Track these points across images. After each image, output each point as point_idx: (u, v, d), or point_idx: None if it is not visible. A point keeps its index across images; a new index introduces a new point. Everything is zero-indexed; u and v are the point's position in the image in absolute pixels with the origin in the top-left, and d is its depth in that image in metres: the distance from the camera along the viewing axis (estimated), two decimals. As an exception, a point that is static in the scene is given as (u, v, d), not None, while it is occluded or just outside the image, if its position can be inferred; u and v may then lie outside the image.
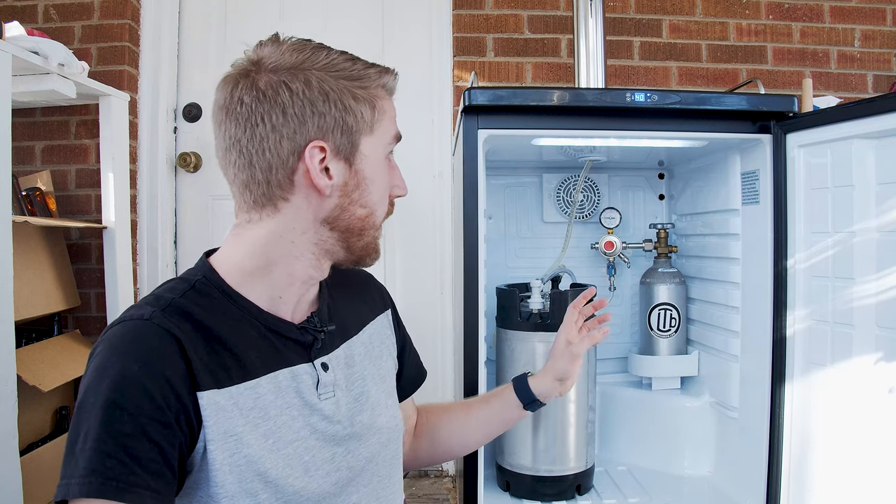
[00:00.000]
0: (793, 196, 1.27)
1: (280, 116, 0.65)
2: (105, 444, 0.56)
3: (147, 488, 0.57)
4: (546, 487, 1.41)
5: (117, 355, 0.59)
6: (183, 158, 2.05)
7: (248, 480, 0.63)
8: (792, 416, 1.26)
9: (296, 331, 0.72)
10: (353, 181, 0.69)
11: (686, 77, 2.04)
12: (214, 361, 0.64)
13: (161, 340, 0.61)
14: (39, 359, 1.60)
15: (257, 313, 0.69)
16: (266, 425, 0.66)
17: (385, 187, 0.72)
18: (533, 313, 1.42)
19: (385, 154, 0.72)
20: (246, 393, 0.65)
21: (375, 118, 0.69)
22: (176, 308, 0.64)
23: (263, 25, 2.07)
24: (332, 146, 0.67)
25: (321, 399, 0.71)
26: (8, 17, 1.55)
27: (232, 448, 0.63)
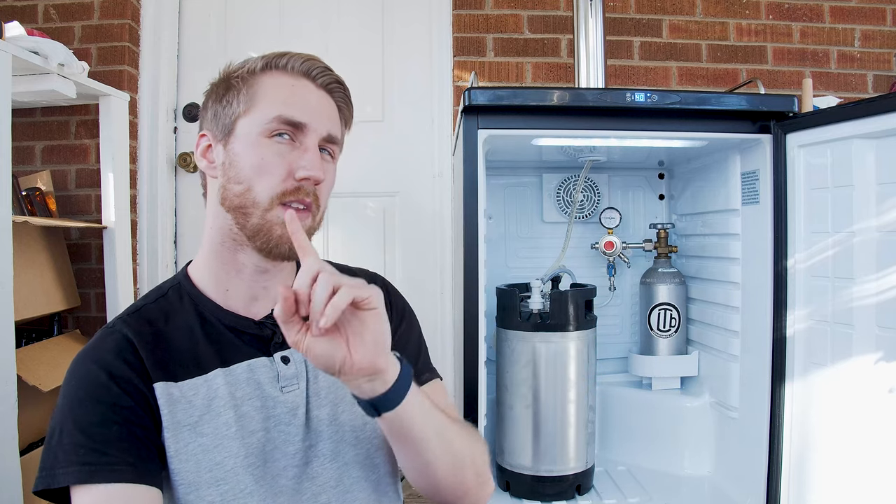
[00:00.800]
0: (793, 196, 1.27)
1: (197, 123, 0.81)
2: (75, 436, 0.63)
3: (123, 463, 0.62)
4: (546, 487, 1.41)
5: (81, 361, 0.69)
6: (183, 158, 2.05)
7: (205, 469, 0.67)
8: (792, 416, 1.26)
9: (253, 326, 0.75)
10: (228, 160, 0.74)
11: (686, 77, 2.04)
12: (170, 359, 0.70)
13: (118, 344, 0.69)
14: (39, 359, 1.60)
15: (217, 312, 0.75)
16: (227, 415, 0.69)
17: (261, 163, 0.71)
18: (533, 313, 1.42)
19: (261, 131, 0.72)
20: (203, 385, 0.70)
21: (251, 100, 0.74)
22: (139, 315, 0.73)
23: (263, 25, 2.08)
24: (212, 134, 0.76)
25: (283, 392, 0.74)
26: (8, 17, 1.55)
27: (186, 438, 0.67)
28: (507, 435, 1.45)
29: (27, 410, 1.55)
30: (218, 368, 0.71)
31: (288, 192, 0.71)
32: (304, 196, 0.72)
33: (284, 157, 0.72)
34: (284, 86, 0.74)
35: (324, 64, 0.78)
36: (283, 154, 0.72)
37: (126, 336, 0.69)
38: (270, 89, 0.74)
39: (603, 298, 1.71)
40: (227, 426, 0.69)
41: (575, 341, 1.41)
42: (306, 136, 0.74)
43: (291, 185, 0.72)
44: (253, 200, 0.71)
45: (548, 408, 1.41)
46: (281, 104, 0.73)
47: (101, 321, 1.86)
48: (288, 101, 0.73)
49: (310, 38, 2.07)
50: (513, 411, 1.44)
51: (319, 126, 0.75)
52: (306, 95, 0.75)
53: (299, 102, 0.74)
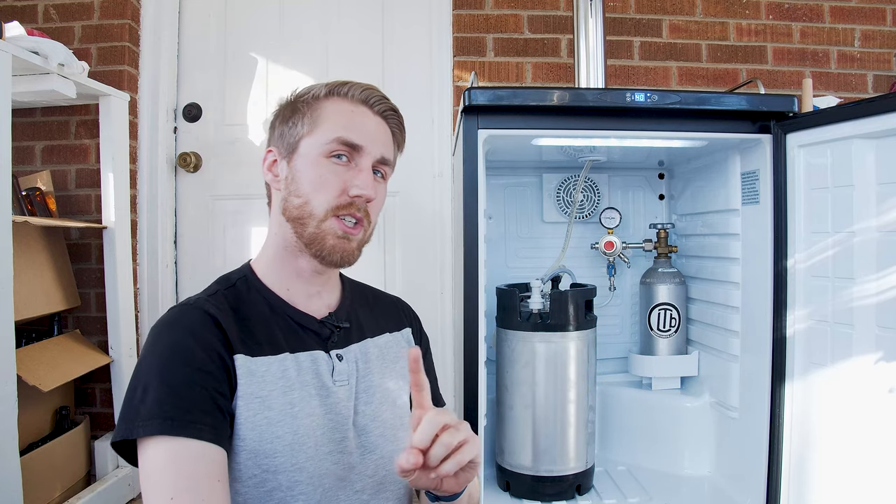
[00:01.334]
0: (793, 196, 1.27)
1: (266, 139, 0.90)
2: (161, 393, 0.68)
3: (203, 423, 0.68)
4: (546, 487, 1.41)
5: (168, 328, 0.75)
6: (183, 158, 2.05)
7: (267, 440, 0.74)
8: (792, 415, 1.26)
9: (316, 323, 0.84)
10: (290, 175, 0.83)
11: (686, 77, 2.04)
12: (247, 336, 0.77)
13: (203, 318, 0.75)
14: (39, 359, 1.60)
15: (284, 306, 0.83)
16: (291, 395, 0.77)
17: (318, 180, 0.80)
18: (533, 313, 1.42)
19: (321, 152, 0.81)
20: (275, 364, 0.77)
21: (313, 120, 0.82)
22: (217, 297, 0.80)
23: (263, 26, 2.08)
24: (277, 150, 0.85)
25: (336, 385, 0.82)
26: (8, 17, 1.55)
27: (255, 408, 0.74)
28: (507, 435, 1.45)
29: (27, 410, 1.55)
30: (287, 353, 0.79)
31: (341, 206, 0.80)
32: (355, 211, 0.81)
33: (340, 176, 0.80)
34: (345, 111, 0.83)
35: (381, 93, 0.86)
36: (339, 173, 0.81)
37: (208, 312, 0.76)
38: (332, 114, 0.82)
39: (603, 298, 1.71)
40: (290, 405, 0.76)
41: (575, 341, 1.41)
42: (361, 158, 0.82)
43: (345, 200, 0.80)
44: (310, 212, 0.80)
45: (548, 408, 1.41)
46: (341, 128, 0.81)
47: (101, 321, 1.86)
48: (347, 126, 0.82)
49: (310, 39, 2.07)
50: (513, 411, 1.44)
51: (374, 149, 0.83)
52: (364, 121, 0.83)
53: (357, 127, 0.82)
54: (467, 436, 0.66)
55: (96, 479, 1.80)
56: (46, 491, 1.59)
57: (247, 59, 2.07)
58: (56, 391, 1.67)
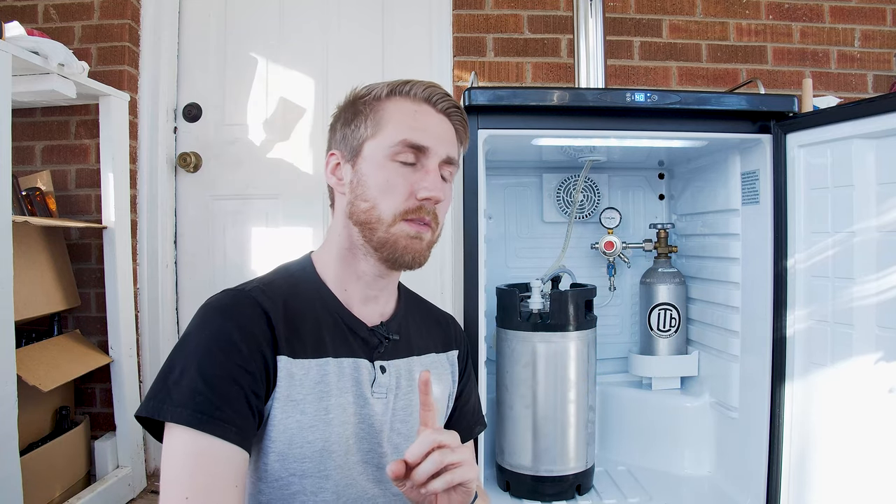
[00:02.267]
0: (793, 196, 1.27)
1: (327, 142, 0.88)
2: (197, 383, 0.67)
3: (232, 423, 0.67)
4: (546, 487, 1.41)
5: (218, 313, 0.73)
6: (183, 158, 2.05)
7: (297, 445, 0.73)
8: (792, 415, 1.26)
9: (366, 330, 0.83)
10: (356, 179, 0.81)
11: (686, 77, 2.04)
12: (294, 336, 0.76)
13: (254, 310, 0.74)
14: (39, 359, 1.60)
15: (338, 308, 0.82)
16: (329, 400, 0.76)
17: (385, 184, 0.78)
18: (533, 313, 1.42)
19: (386, 154, 0.79)
20: (315, 368, 0.76)
21: (376, 122, 0.80)
22: (272, 289, 0.78)
23: (263, 26, 2.07)
24: (340, 154, 0.83)
25: (374, 396, 0.80)
26: (8, 17, 1.55)
27: (290, 411, 0.73)
28: (507, 435, 1.45)
29: (27, 410, 1.55)
30: (330, 357, 0.78)
31: (410, 210, 0.79)
32: (424, 214, 0.79)
33: (407, 179, 0.79)
34: (408, 111, 0.81)
35: (443, 90, 0.84)
36: (406, 175, 0.79)
37: (261, 304, 0.74)
38: (395, 114, 0.80)
39: (603, 298, 1.71)
40: (325, 411, 0.76)
41: (575, 341, 1.41)
42: (428, 159, 0.80)
43: (413, 204, 0.79)
44: (378, 217, 0.78)
45: (548, 408, 1.41)
46: (406, 129, 0.79)
47: (101, 321, 1.86)
48: (412, 126, 0.80)
49: (310, 39, 2.07)
50: (513, 411, 1.44)
51: (440, 149, 0.81)
52: (428, 120, 0.81)
53: (422, 127, 0.80)
54: (462, 459, 0.65)
55: (96, 479, 1.80)
56: (46, 491, 1.59)
57: (247, 59, 2.07)
58: (56, 391, 1.67)
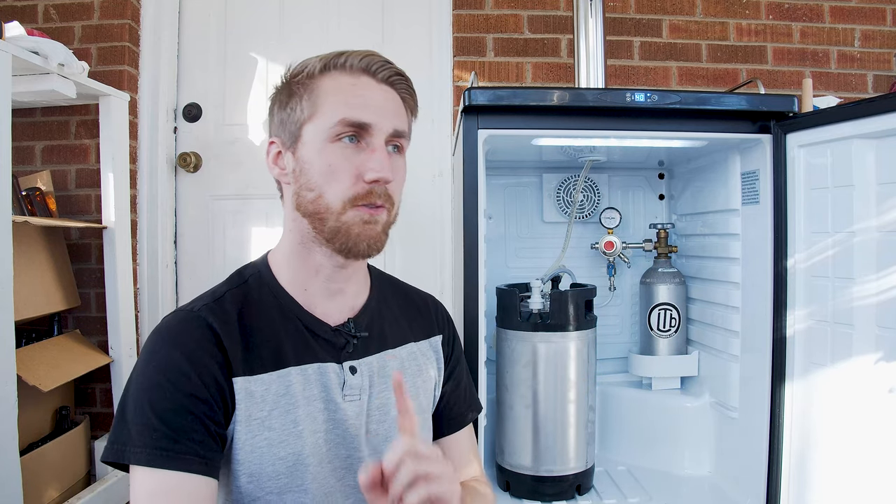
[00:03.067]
0: (793, 196, 1.27)
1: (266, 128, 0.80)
2: (151, 419, 0.65)
3: (193, 454, 0.65)
4: (546, 487, 1.41)
5: (165, 342, 0.69)
6: (183, 158, 2.05)
7: (268, 462, 0.70)
8: (792, 415, 1.26)
9: (329, 332, 0.77)
10: (298, 167, 0.74)
11: (686, 77, 2.04)
12: (250, 352, 0.72)
13: (203, 333, 0.70)
14: (39, 359, 1.60)
15: (297, 311, 0.76)
16: (296, 412, 0.72)
17: (328, 168, 0.72)
18: (533, 313, 1.42)
19: (325, 137, 0.72)
20: (277, 381, 0.72)
21: (314, 104, 0.73)
22: (223, 304, 0.74)
23: (263, 26, 2.07)
24: (280, 141, 0.77)
25: (345, 400, 0.75)
26: (8, 17, 1.55)
27: (255, 430, 0.70)
28: (507, 435, 1.45)
29: (27, 410, 1.55)
30: (292, 366, 0.73)
31: (359, 196, 0.72)
32: (375, 199, 0.73)
33: (352, 161, 0.72)
34: (345, 86, 0.73)
35: (383, 58, 0.76)
36: (349, 157, 0.72)
37: (210, 325, 0.70)
38: (331, 92, 0.73)
39: (603, 298, 1.71)
40: (294, 424, 0.72)
41: (575, 341, 1.41)
42: (373, 137, 0.73)
43: (362, 188, 0.72)
44: (326, 206, 0.72)
45: (548, 408, 1.41)
46: (343, 106, 0.72)
47: (101, 321, 1.86)
48: (350, 102, 0.72)
49: (310, 39, 2.07)
50: (513, 411, 1.44)
51: (385, 123, 0.74)
52: (368, 93, 0.74)
53: (361, 102, 0.73)
54: (440, 471, 0.60)
55: (96, 479, 1.80)
56: (46, 491, 1.59)
57: (247, 58, 2.07)
58: (56, 391, 1.67)
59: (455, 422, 0.92)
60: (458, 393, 0.93)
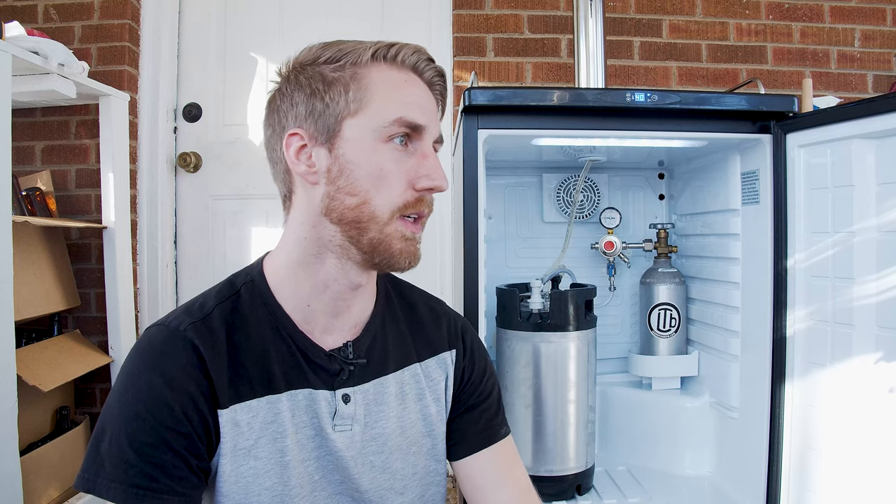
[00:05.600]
0: (793, 196, 1.27)
1: (274, 116, 0.69)
2: (127, 453, 0.59)
3: (171, 493, 0.60)
4: (546, 487, 1.41)
5: (146, 366, 0.63)
6: (183, 158, 2.05)
7: (254, 493, 0.65)
8: (792, 415, 1.26)
9: (324, 357, 0.71)
10: (336, 167, 0.65)
11: (686, 77, 2.04)
12: (239, 375, 0.66)
13: (188, 357, 0.63)
14: (39, 359, 1.60)
15: (291, 331, 0.70)
16: (284, 441, 0.67)
17: (379, 172, 0.64)
18: (533, 313, 1.42)
19: (378, 136, 0.65)
20: (265, 409, 0.67)
21: (358, 97, 0.65)
22: (210, 322, 0.67)
23: (263, 25, 2.08)
24: (307, 133, 0.66)
25: (335, 430, 0.70)
26: (8, 17, 1.55)
27: (241, 460, 0.65)
28: (507, 435, 1.45)
29: (27, 410, 1.55)
30: (282, 392, 0.67)
31: (409, 204, 0.66)
32: (423, 208, 0.68)
33: (402, 165, 0.66)
34: (398, 82, 0.66)
35: (428, 55, 0.69)
36: (401, 161, 0.66)
37: (196, 348, 0.64)
38: (383, 86, 0.65)
39: (603, 298, 1.71)
40: (280, 453, 0.67)
41: (575, 341, 1.41)
42: (422, 140, 0.67)
43: (412, 196, 0.66)
44: (371, 214, 0.65)
45: (548, 408, 1.41)
46: (399, 104, 0.65)
47: (101, 321, 1.86)
48: (406, 101, 0.66)
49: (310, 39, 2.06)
50: (513, 411, 1.44)
51: (434, 127, 0.68)
52: (419, 93, 0.67)
53: (416, 102, 0.66)
54: None
55: (96, 479, 1.80)
56: (46, 491, 1.59)
57: (247, 58, 2.07)
58: (56, 391, 1.67)
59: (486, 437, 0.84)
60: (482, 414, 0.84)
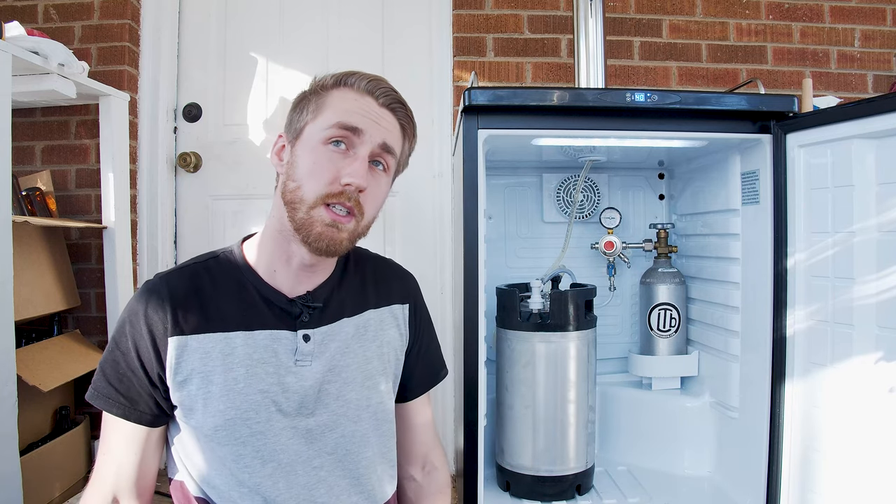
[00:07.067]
0: (793, 196, 1.27)
1: None
2: (99, 369, 0.81)
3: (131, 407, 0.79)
4: (546, 487, 1.41)
5: (127, 306, 0.82)
6: (183, 158, 2.05)
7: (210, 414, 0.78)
8: (792, 415, 1.26)
9: (286, 302, 0.84)
10: (291, 159, 0.83)
11: (686, 77, 2.04)
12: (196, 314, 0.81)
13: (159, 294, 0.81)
14: (39, 359, 1.60)
15: (257, 283, 0.85)
16: (238, 371, 0.80)
17: (313, 166, 0.80)
18: (533, 313, 1.42)
19: (321, 138, 0.81)
20: (222, 341, 0.80)
21: (318, 110, 0.83)
22: (181, 271, 0.84)
23: (263, 25, 2.07)
24: (287, 137, 0.87)
25: (296, 364, 0.83)
26: (8, 17, 1.55)
27: (198, 383, 0.79)
28: (507, 435, 1.45)
29: (27, 410, 1.55)
30: (241, 330, 0.81)
31: (331, 194, 0.79)
32: (345, 200, 0.80)
33: (335, 164, 0.80)
34: (348, 99, 0.83)
35: (388, 85, 0.85)
36: (334, 160, 0.80)
37: (160, 293, 0.80)
38: (336, 101, 0.83)
39: (603, 298, 1.71)
40: (235, 381, 0.79)
41: (575, 341, 1.41)
42: (361, 145, 0.81)
43: (335, 188, 0.79)
44: (301, 197, 0.80)
45: (548, 408, 1.42)
46: (342, 112, 0.81)
47: (101, 321, 1.86)
48: (349, 110, 0.82)
49: (310, 39, 2.07)
50: (513, 411, 1.44)
51: (375, 134, 0.82)
52: (367, 108, 0.83)
53: (358, 112, 0.82)
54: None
55: (96, 479, 1.80)
56: (46, 491, 1.59)
57: (247, 58, 2.07)
58: (56, 391, 1.67)
59: (427, 381, 1.00)
60: (428, 356, 1.00)
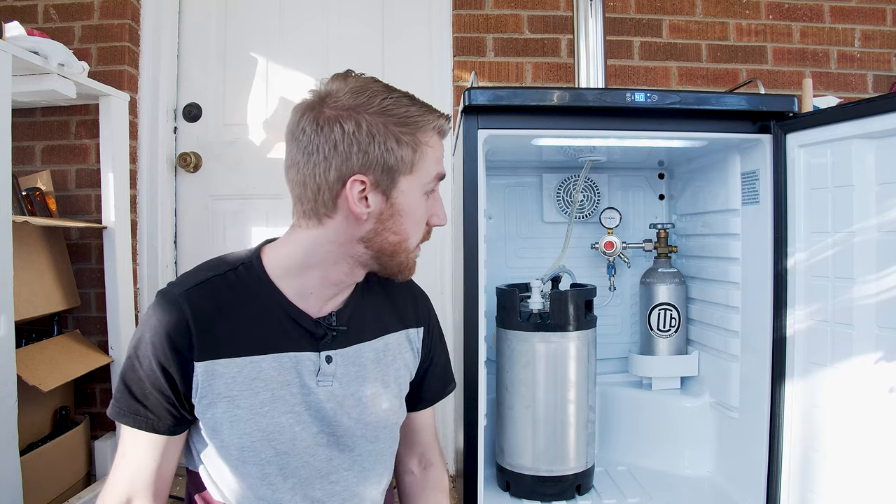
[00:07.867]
0: (793, 196, 1.27)
1: (332, 149, 0.77)
2: (121, 385, 0.79)
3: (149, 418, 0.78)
4: (546, 487, 1.41)
5: (145, 322, 0.79)
6: (183, 158, 2.05)
7: (236, 436, 0.79)
8: (792, 415, 1.26)
9: (311, 323, 0.83)
10: (388, 212, 0.79)
11: (686, 77, 2.04)
12: (221, 338, 0.78)
13: (182, 314, 0.77)
14: (39, 359, 1.60)
15: (282, 302, 0.82)
16: (264, 395, 0.80)
17: (419, 219, 0.82)
18: (533, 313, 1.42)
19: (423, 191, 0.81)
20: (249, 366, 0.79)
21: (417, 159, 0.80)
22: (203, 289, 0.80)
23: (263, 25, 2.07)
24: (371, 180, 0.77)
25: (318, 385, 0.83)
26: (8, 17, 1.55)
27: (224, 407, 0.78)
28: (507, 435, 1.45)
29: (27, 410, 1.55)
30: (267, 354, 0.80)
31: (424, 237, 0.85)
32: None
33: (427, 209, 0.84)
34: (437, 146, 0.84)
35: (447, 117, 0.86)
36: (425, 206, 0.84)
37: (183, 313, 0.77)
38: (430, 152, 0.82)
39: (603, 298, 1.71)
40: (261, 405, 0.79)
41: (575, 341, 1.41)
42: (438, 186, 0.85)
43: (427, 231, 0.85)
44: (406, 248, 0.83)
45: (548, 408, 1.41)
46: (437, 162, 0.83)
47: (101, 321, 1.86)
48: (440, 159, 0.84)
49: (310, 39, 2.07)
50: (513, 411, 1.44)
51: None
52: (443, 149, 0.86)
53: (442, 156, 0.85)
54: None
55: (96, 479, 1.80)
56: (46, 491, 1.59)
57: (247, 58, 2.07)
58: (56, 391, 1.67)
59: (434, 396, 1.03)
60: (438, 371, 1.01)
